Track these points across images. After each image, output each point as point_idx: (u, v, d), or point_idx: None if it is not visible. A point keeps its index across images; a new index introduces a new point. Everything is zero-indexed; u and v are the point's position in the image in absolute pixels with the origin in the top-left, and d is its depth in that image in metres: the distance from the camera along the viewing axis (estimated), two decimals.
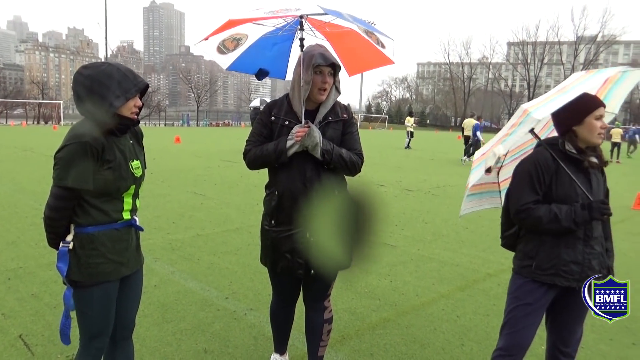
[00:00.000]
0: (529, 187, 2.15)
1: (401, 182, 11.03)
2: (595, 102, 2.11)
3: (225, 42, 2.72)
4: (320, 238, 2.34)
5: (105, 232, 1.98)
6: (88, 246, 1.96)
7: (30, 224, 5.99)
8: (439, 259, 5.16)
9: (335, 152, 2.35)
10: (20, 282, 4.08)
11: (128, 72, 1.97)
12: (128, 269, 2.10)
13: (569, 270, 2.12)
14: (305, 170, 2.35)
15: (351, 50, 2.75)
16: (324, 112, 2.40)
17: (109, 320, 2.08)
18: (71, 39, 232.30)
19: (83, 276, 1.96)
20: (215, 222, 6.49)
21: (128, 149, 2.05)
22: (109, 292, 2.04)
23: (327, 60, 2.29)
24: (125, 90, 1.93)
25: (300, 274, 2.41)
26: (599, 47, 66.79)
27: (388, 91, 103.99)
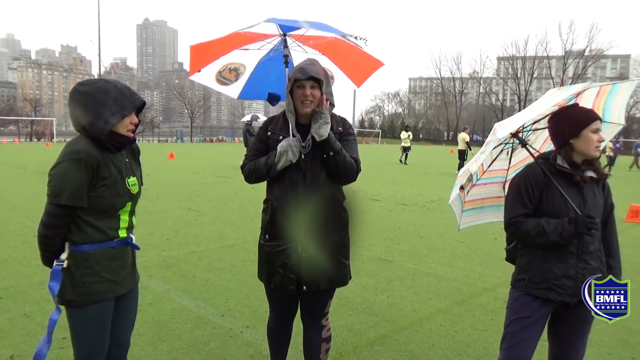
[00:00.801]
0: (518, 200, 2.18)
1: (396, 196, 11.04)
2: (591, 115, 2.13)
3: (222, 74, 2.75)
4: (311, 253, 2.32)
5: (100, 250, 1.96)
6: (83, 265, 1.93)
7: (23, 242, 5.91)
8: (435, 274, 5.14)
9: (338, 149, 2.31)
10: (12, 301, 4.01)
11: (125, 89, 1.96)
12: (123, 287, 2.07)
13: (562, 284, 2.12)
14: (297, 184, 2.33)
15: (347, 58, 2.77)
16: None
17: (104, 340, 2.04)
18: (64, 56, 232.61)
19: (77, 295, 1.93)
20: (210, 239, 6.44)
21: (124, 166, 2.04)
22: (104, 312, 2.00)
23: (305, 74, 2.27)
24: (122, 107, 1.92)
25: (292, 289, 2.37)
26: (587, 61, 67.82)
27: (381, 106, 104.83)
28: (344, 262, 2.44)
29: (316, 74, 2.28)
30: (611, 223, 2.27)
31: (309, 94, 2.29)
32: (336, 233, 2.39)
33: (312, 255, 2.32)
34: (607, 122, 2.42)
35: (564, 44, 69.28)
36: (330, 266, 2.37)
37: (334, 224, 2.37)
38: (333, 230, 2.37)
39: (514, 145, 2.66)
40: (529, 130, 2.61)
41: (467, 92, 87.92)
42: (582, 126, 2.11)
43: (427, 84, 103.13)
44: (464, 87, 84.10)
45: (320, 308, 2.52)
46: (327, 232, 2.35)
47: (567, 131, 2.14)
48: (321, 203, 2.33)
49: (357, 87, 2.87)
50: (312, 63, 2.36)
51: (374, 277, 4.91)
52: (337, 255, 2.39)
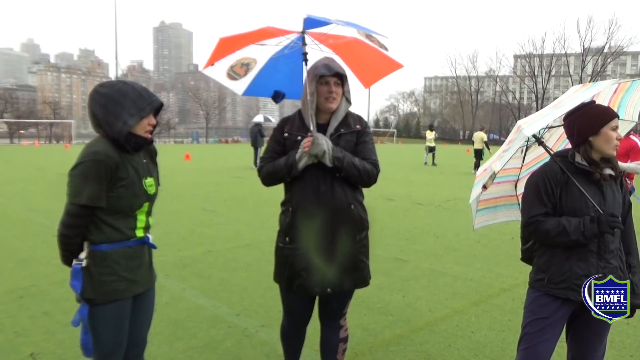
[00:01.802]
0: (537, 199, 2.14)
1: (411, 196, 10.98)
2: (610, 113, 2.10)
3: (234, 68, 2.72)
4: (334, 254, 2.30)
5: (118, 249, 1.98)
6: (101, 264, 1.95)
7: (42, 242, 6.02)
8: (451, 274, 5.09)
9: (346, 160, 2.28)
10: (32, 300, 4.09)
11: (143, 90, 1.99)
12: (141, 286, 2.09)
13: (582, 284, 2.07)
14: (319, 185, 2.30)
15: (361, 60, 2.74)
16: (335, 124, 2.37)
17: (122, 338, 2.06)
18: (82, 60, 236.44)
19: (96, 294, 1.95)
20: (226, 239, 6.48)
21: (142, 167, 2.06)
22: (122, 310, 2.03)
23: (330, 70, 2.27)
24: (140, 109, 1.95)
25: (316, 292, 2.35)
26: (606, 58, 66.56)
27: (395, 105, 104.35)
28: (366, 262, 2.42)
29: (341, 70, 2.28)
30: (629, 221, 2.23)
31: (334, 90, 2.29)
32: (358, 233, 2.37)
33: (335, 257, 2.30)
34: (621, 119, 2.37)
35: (583, 41, 68.12)
36: (353, 267, 2.35)
37: (355, 224, 2.35)
38: (355, 231, 2.35)
39: (529, 143, 2.62)
40: (545, 128, 2.56)
41: (483, 91, 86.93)
42: (602, 124, 2.07)
43: (443, 82, 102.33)
44: (480, 86, 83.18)
45: (340, 309, 2.51)
46: (349, 232, 2.33)
47: (585, 128, 2.10)
48: (343, 203, 2.31)
49: (365, 87, 2.84)
50: (333, 60, 2.36)
51: (389, 277, 4.88)
52: (359, 255, 2.37)
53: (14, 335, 3.42)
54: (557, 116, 2.12)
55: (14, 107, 65.59)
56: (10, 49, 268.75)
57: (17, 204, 8.94)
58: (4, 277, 4.70)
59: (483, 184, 2.57)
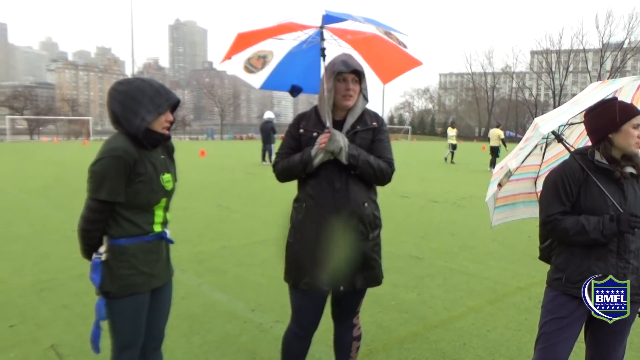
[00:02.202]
0: (556, 198, 2.11)
1: (427, 193, 10.92)
2: (632, 109, 2.06)
3: (251, 61, 2.70)
4: (348, 252, 2.29)
5: (136, 244, 2.02)
6: (120, 258, 1.99)
7: (62, 236, 6.14)
8: (467, 272, 5.06)
9: (362, 157, 2.27)
10: (53, 293, 4.17)
11: (160, 87, 2.01)
12: (159, 280, 2.13)
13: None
14: (333, 182, 2.28)
15: (379, 56, 2.72)
16: (351, 121, 2.34)
17: (140, 331, 2.10)
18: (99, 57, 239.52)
19: (115, 287, 1.99)
20: (241, 234, 6.53)
21: (159, 163, 2.09)
22: (140, 303, 2.06)
23: (349, 67, 2.25)
24: (157, 105, 1.98)
25: (326, 291, 2.33)
26: (625, 54, 65.24)
27: (410, 102, 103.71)
28: (378, 261, 2.40)
29: (359, 67, 2.27)
30: None
31: (352, 87, 2.28)
32: (371, 231, 2.35)
33: (349, 255, 2.29)
34: None
35: (602, 36, 66.89)
36: (366, 265, 2.34)
37: (369, 222, 2.34)
38: (368, 229, 2.34)
39: (549, 140, 2.59)
40: (565, 125, 2.53)
41: (499, 87, 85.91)
42: (623, 121, 2.03)
43: (458, 79, 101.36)
44: (495, 82, 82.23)
45: (353, 307, 2.50)
46: (362, 230, 2.32)
47: (606, 125, 2.06)
48: (357, 201, 2.30)
49: (383, 84, 2.82)
50: (351, 57, 2.34)
51: (404, 275, 4.87)
52: (372, 253, 2.36)
53: (35, 327, 3.49)
54: (575, 114, 2.09)
55: (34, 104, 66.68)
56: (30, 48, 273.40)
57: (37, 199, 9.11)
58: (26, 270, 4.80)
59: (498, 182, 2.55)
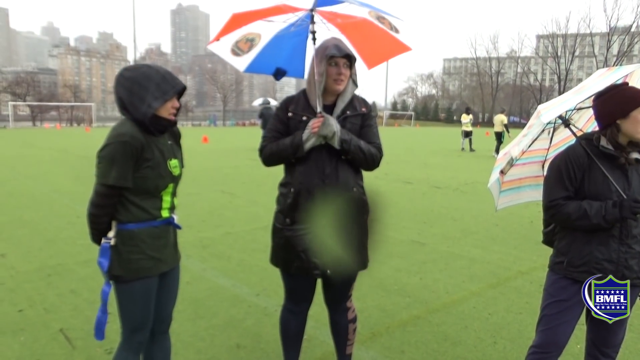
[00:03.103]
0: (559, 182, 2.12)
1: (429, 179, 10.93)
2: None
3: (238, 44, 2.66)
4: (336, 236, 2.30)
5: (145, 229, 2.05)
6: (129, 242, 2.02)
7: (67, 222, 6.19)
8: (469, 257, 5.10)
9: (353, 142, 2.27)
10: (60, 278, 4.24)
11: (167, 74, 2.03)
12: (166, 265, 2.16)
13: (602, 268, 2.07)
14: (323, 167, 2.28)
15: (367, 40, 2.70)
16: (341, 106, 2.33)
17: (149, 314, 2.14)
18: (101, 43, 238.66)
19: (124, 271, 2.03)
20: (245, 220, 6.57)
21: (167, 149, 2.11)
22: (149, 287, 2.10)
23: (341, 51, 2.24)
24: (164, 92, 1.99)
25: (316, 274, 2.35)
26: (633, 37, 64.42)
27: (414, 88, 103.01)
28: (366, 245, 2.42)
29: (351, 52, 2.26)
30: None
31: (343, 72, 2.27)
32: (360, 216, 2.37)
33: (337, 239, 2.30)
34: None
35: (609, 20, 66.42)
36: (354, 249, 2.35)
37: (357, 207, 2.35)
38: (358, 214, 2.35)
39: (556, 124, 2.59)
40: (573, 109, 2.52)
41: (504, 72, 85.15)
42: (632, 107, 2.01)
43: (462, 64, 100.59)
44: (500, 67, 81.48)
45: (344, 292, 2.50)
46: (351, 215, 2.33)
47: (614, 111, 2.05)
48: (347, 186, 2.31)
49: (368, 69, 2.80)
50: (341, 41, 2.34)
51: (406, 259, 4.92)
52: (360, 238, 2.37)
53: (44, 311, 3.56)
54: (578, 101, 2.09)
55: (36, 91, 66.61)
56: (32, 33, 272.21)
57: (42, 185, 9.17)
58: (33, 256, 4.86)
59: (501, 169, 2.57)
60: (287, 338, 2.59)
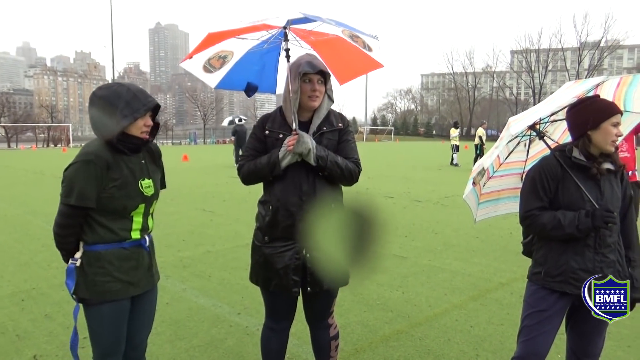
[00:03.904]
0: (533, 193, 2.17)
1: (409, 193, 11.00)
2: (613, 108, 2.09)
3: (211, 61, 2.66)
4: (318, 254, 2.27)
5: (112, 250, 2.00)
6: (95, 264, 1.98)
7: (42, 245, 6.04)
8: (450, 269, 5.12)
9: (330, 158, 2.26)
10: (34, 303, 4.11)
11: (139, 92, 2.00)
12: (138, 288, 2.10)
13: (579, 277, 2.10)
14: (301, 184, 2.28)
15: (339, 57, 2.73)
16: (317, 122, 2.33)
17: (120, 339, 2.08)
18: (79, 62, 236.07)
19: (91, 294, 1.98)
20: (225, 238, 6.50)
21: (139, 168, 2.07)
22: (119, 311, 2.04)
23: (314, 68, 2.24)
24: (134, 109, 1.96)
25: (295, 292, 2.32)
26: (602, 52, 66.65)
27: (393, 103, 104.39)
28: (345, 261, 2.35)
29: (325, 68, 2.27)
30: (630, 215, 2.21)
31: (317, 88, 2.27)
32: (337, 232, 2.31)
33: (317, 256, 2.28)
34: (629, 111, 2.36)
35: (579, 35, 68.27)
36: (334, 266, 2.31)
37: (335, 223, 2.31)
38: (334, 230, 2.30)
39: (532, 137, 2.64)
40: (547, 122, 2.58)
41: (481, 87, 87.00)
42: (602, 118, 2.07)
43: (440, 79, 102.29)
44: (477, 82, 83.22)
45: (325, 308, 2.47)
46: (329, 231, 2.29)
47: (586, 122, 2.10)
48: (324, 203, 2.29)
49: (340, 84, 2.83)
50: (315, 57, 2.34)
51: (388, 274, 4.91)
52: (339, 254, 2.30)
53: (17, 338, 3.44)
54: (547, 112, 2.15)
55: (11, 112, 65.41)
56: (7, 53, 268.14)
57: (16, 207, 8.95)
58: (5, 280, 4.72)
59: (472, 180, 2.61)
60: (269, 356, 2.54)
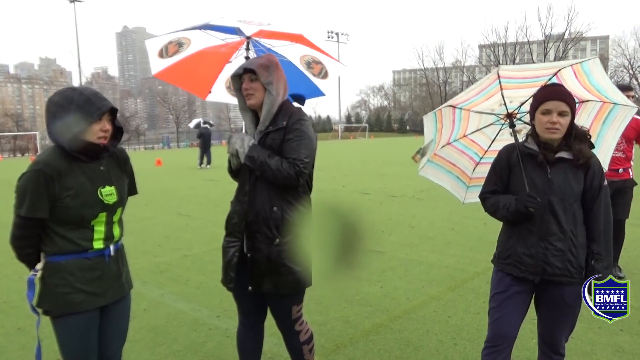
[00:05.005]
0: (490, 178, 2.31)
1: (385, 188, 11.10)
2: (544, 95, 2.11)
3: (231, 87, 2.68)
4: (255, 253, 2.28)
5: (73, 261, 1.94)
6: (56, 275, 1.92)
7: (12, 257, 5.77)
8: (427, 262, 5.20)
9: (260, 159, 2.20)
10: (5, 317, 4.00)
11: (92, 95, 1.92)
12: (105, 299, 2.04)
13: (523, 262, 2.17)
14: (244, 184, 2.31)
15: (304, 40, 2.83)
16: (265, 122, 2.30)
17: (89, 351, 2.03)
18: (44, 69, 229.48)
19: (53, 306, 1.94)
20: (202, 242, 6.44)
21: (98, 175, 1.99)
22: (85, 323, 1.99)
23: (240, 68, 2.30)
24: (88, 114, 1.88)
25: (230, 287, 2.36)
26: (567, 44, 68.42)
27: (366, 100, 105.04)
28: (289, 267, 2.26)
29: (248, 65, 2.26)
30: (596, 208, 2.13)
31: (248, 87, 2.27)
32: (279, 236, 2.25)
33: (256, 256, 2.27)
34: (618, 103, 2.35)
35: (544, 28, 69.96)
36: (273, 270, 2.26)
37: (275, 226, 2.25)
38: (273, 234, 2.25)
39: (503, 127, 2.69)
40: (525, 112, 2.56)
41: (452, 82, 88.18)
42: (534, 107, 2.14)
43: (411, 75, 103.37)
44: (447, 77, 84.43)
45: (284, 314, 2.40)
46: (267, 234, 2.25)
47: (530, 112, 2.19)
48: (263, 204, 2.26)
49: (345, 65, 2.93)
50: (258, 57, 2.39)
51: (366, 269, 4.95)
52: (279, 259, 2.25)
53: None
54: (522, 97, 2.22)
55: None
56: None
57: None
58: None
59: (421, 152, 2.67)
60: (243, 353, 2.56)
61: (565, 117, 2.09)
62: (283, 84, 2.33)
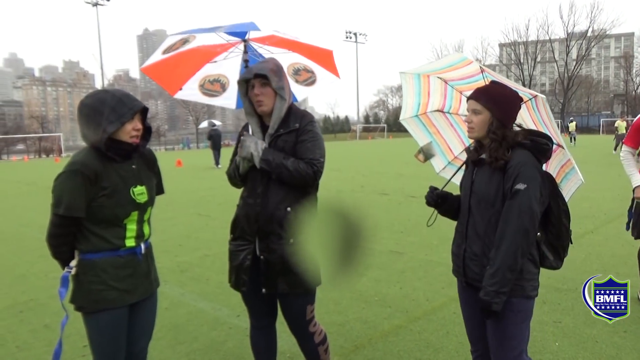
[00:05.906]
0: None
1: (404, 189, 11.04)
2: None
3: (205, 86, 2.72)
4: (268, 255, 2.28)
5: (107, 259, 1.99)
6: (90, 272, 1.98)
7: (39, 256, 6.02)
8: (447, 263, 5.14)
9: (275, 161, 2.22)
10: (33, 314, 4.10)
11: (124, 96, 1.99)
12: (135, 296, 2.09)
13: (454, 261, 2.19)
14: (255, 186, 2.31)
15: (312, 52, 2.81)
16: (274, 125, 2.30)
17: (119, 347, 2.07)
18: (67, 72, 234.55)
19: (86, 302, 1.99)
20: (222, 242, 6.45)
21: (130, 175, 2.05)
22: (116, 319, 2.04)
23: (250, 73, 2.26)
24: (120, 114, 1.94)
25: (243, 291, 2.36)
26: (590, 42, 67.09)
27: (384, 100, 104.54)
28: (306, 267, 2.26)
29: (259, 71, 2.23)
30: (505, 211, 1.92)
31: (260, 92, 2.25)
32: (292, 236, 2.27)
33: (270, 257, 2.28)
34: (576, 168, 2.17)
35: (566, 26, 68.55)
36: (287, 270, 2.27)
37: (289, 226, 2.26)
38: (288, 233, 2.27)
39: None
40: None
41: None
42: None
43: None
44: None
45: (299, 315, 2.40)
46: (281, 234, 2.27)
47: None
48: (277, 205, 2.27)
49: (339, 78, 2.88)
50: (264, 61, 2.35)
51: (385, 270, 4.94)
52: (293, 258, 2.25)
53: (17, 349, 3.44)
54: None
55: (1, 124, 65.03)
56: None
57: (10, 220, 8.90)
58: (3, 293, 4.70)
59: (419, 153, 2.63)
60: (258, 355, 2.58)
61: (478, 115, 1.99)
62: (289, 87, 2.35)
